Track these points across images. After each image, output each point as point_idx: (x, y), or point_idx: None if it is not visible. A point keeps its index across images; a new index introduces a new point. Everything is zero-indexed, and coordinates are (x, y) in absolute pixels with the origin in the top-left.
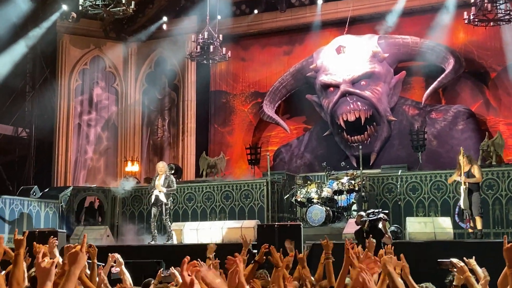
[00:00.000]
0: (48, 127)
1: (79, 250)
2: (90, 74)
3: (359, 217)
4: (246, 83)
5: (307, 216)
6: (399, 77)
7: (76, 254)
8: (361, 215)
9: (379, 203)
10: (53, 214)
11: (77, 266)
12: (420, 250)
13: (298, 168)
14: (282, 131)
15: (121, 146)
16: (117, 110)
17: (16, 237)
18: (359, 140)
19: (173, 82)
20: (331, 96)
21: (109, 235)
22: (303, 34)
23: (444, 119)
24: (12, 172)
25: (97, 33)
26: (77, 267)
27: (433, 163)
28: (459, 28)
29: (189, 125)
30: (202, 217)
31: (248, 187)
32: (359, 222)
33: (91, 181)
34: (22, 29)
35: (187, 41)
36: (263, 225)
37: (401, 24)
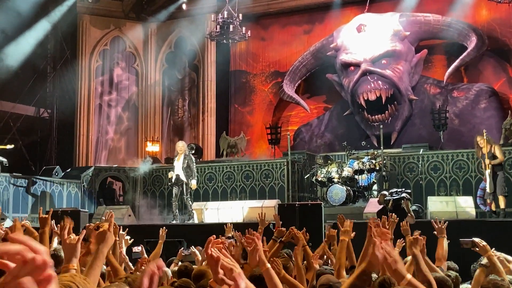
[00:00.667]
0: (70, 108)
1: (107, 230)
2: (110, 55)
3: (382, 197)
4: (266, 63)
5: (327, 195)
6: (421, 55)
7: (104, 233)
8: (384, 194)
9: (400, 182)
10: (75, 194)
11: (106, 245)
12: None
13: (318, 148)
14: (302, 111)
15: (141, 126)
16: (138, 90)
17: (40, 216)
18: (380, 119)
19: (193, 62)
20: (351, 75)
21: (130, 214)
22: (323, 13)
23: (466, 97)
24: (35, 152)
25: (117, 13)
26: (105, 246)
27: (454, 142)
28: (482, 5)
29: (209, 105)
30: (223, 197)
31: (269, 167)
32: (382, 201)
33: (113, 161)
34: (43, 10)
35: (206, 21)
36: (283, 205)
37: (422, 1)
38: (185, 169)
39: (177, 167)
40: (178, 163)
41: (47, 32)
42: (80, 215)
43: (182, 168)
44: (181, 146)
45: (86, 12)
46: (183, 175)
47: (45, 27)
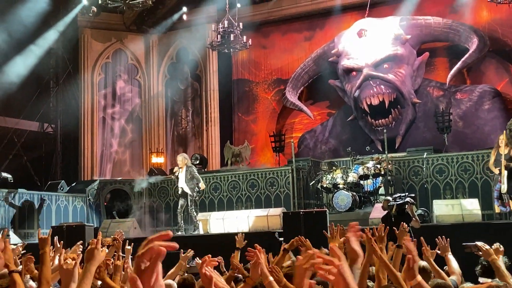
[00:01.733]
0: (73, 122)
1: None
2: (112, 68)
3: (385, 202)
4: (268, 71)
5: (333, 201)
6: (423, 58)
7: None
8: (388, 200)
9: (405, 186)
10: (81, 207)
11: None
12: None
13: (323, 154)
14: (306, 117)
15: (145, 138)
16: (141, 102)
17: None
18: (383, 123)
19: (195, 72)
20: (354, 80)
21: (136, 227)
22: (324, 19)
23: (470, 99)
24: (40, 167)
25: (118, 26)
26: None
27: (459, 144)
28: (482, 6)
29: (212, 115)
30: (228, 206)
31: (274, 175)
32: (386, 207)
33: (118, 174)
34: (44, 25)
35: (207, 31)
36: (288, 213)
37: (422, 4)
38: (188, 181)
39: (181, 179)
40: (181, 175)
41: (49, 47)
42: (85, 229)
43: (185, 181)
44: (181, 160)
45: (87, 25)
46: (187, 187)
47: (47, 42)
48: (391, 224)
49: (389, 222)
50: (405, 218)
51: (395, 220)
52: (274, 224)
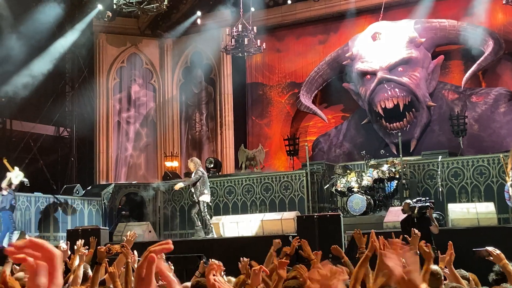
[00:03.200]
0: (89, 126)
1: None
2: (127, 72)
3: (406, 205)
4: (282, 74)
5: (348, 205)
6: (437, 61)
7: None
8: (408, 202)
9: (420, 190)
10: (96, 211)
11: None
12: (463, 237)
13: (337, 158)
14: (320, 121)
15: (160, 141)
16: (155, 106)
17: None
18: (398, 127)
19: (209, 76)
20: (368, 83)
21: (151, 230)
22: (338, 22)
23: (485, 102)
24: (55, 171)
25: (133, 30)
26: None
27: (475, 147)
28: (497, 9)
29: (226, 118)
30: (243, 209)
31: (288, 179)
32: (407, 210)
33: (132, 177)
34: (60, 30)
35: (221, 35)
36: (302, 217)
37: (437, 7)
38: (195, 187)
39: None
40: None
41: (65, 51)
42: (100, 232)
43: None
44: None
45: (102, 30)
46: (195, 193)
47: (62, 47)
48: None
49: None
50: (426, 222)
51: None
52: (288, 228)
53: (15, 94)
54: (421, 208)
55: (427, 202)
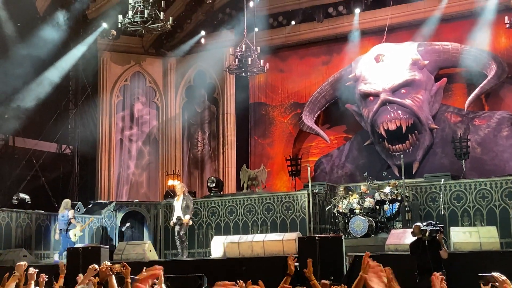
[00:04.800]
0: (91, 144)
1: None
2: (131, 90)
3: (417, 228)
4: (285, 94)
5: (349, 227)
6: (440, 84)
7: None
8: (419, 225)
9: (422, 212)
10: (97, 229)
11: None
12: (466, 261)
13: (339, 179)
14: (322, 142)
15: (162, 160)
16: (158, 124)
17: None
18: (400, 149)
19: (213, 95)
20: (371, 105)
21: (151, 250)
22: (341, 44)
23: (488, 125)
24: (57, 188)
25: (137, 49)
26: None
27: (477, 171)
28: (501, 33)
29: (229, 138)
30: (244, 230)
31: (289, 199)
32: (418, 232)
33: (134, 195)
34: (64, 47)
35: (225, 54)
36: (304, 238)
37: (440, 30)
38: (183, 209)
39: (177, 207)
40: (178, 203)
41: (69, 69)
42: (101, 251)
43: (181, 208)
44: (180, 187)
45: (106, 48)
46: (182, 215)
47: (66, 64)
48: (422, 251)
49: (420, 248)
50: (435, 246)
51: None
52: (290, 249)
53: (19, 111)
54: (432, 232)
55: (437, 226)
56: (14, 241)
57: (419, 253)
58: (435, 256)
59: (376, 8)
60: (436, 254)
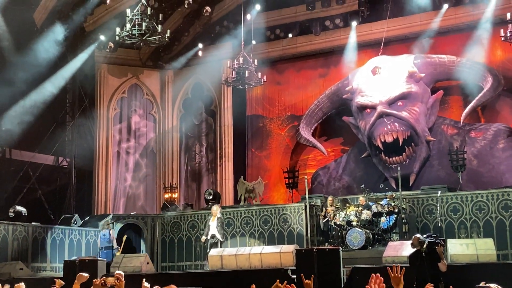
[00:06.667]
0: (88, 156)
1: None
2: (128, 102)
3: (416, 239)
4: (282, 107)
5: (346, 239)
6: (437, 96)
7: None
8: (418, 237)
9: (419, 225)
10: (94, 242)
11: None
12: (463, 272)
13: (336, 191)
14: (320, 154)
15: (159, 172)
16: (155, 137)
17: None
18: (397, 161)
19: (210, 107)
20: (367, 117)
21: (149, 262)
22: (338, 56)
23: (484, 138)
24: (54, 201)
25: (135, 62)
26: None
27: (474, 183)
28: (496, 45)
29: (226, 150)
30: (241, 242)
31: (287, 211)
32: (417, 244)
33: (131, 208)
34: (61, 60)
35: (222, 67)
36: (301, 250)
37: (437, 43)
38: (218, 228)
39: (212, 226)
40: (213, 223)
41: (66, 81)
42: (98, 263)
43: (216, 228)
44: (215, 209)
45: (104, 61)
46: (217, 233)
47: (63, 77)
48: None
49: (418, 260)
50: (434, 258)
51: (426, 258)
52: (287, 261)
53: (15, 123)
54: (431, 244)
55: (438, 239)
56: (11, 254)
57: (417, 265)
58: (434, 268)
59: (372, 21)
60: (435, 266)
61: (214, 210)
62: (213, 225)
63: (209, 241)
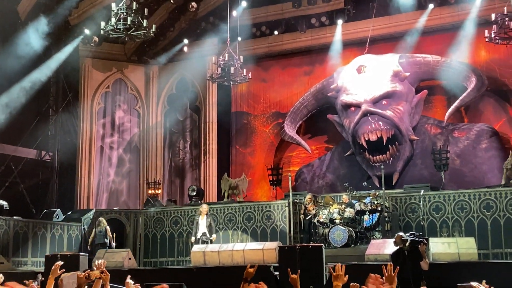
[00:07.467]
0: (71, 150)
1: None
2: (112, 97)
3: (398, 237)
4: (267, 104)
5: (329, 237)
6: (421, 96)
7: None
8: (401, 235)
9: (402, 223)
10: (76, 237)
11: None
12: (445, 271)
13: (320, 189)
14: (304, 152)
15: (143, 168)
16: (139, 132)
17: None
18: (381, 160)
19: (195, 103)
20: (352, 116)
21: (131, 258)
22: (324, 54)
23: (467, 137)
24: (36, 195)
25: (119, 56)
26: None
27: (456, 182)
28: (481, 46)
29: (210, 147)
30: (224, 238)
31: (270, 208)
32: (399, 242)
33: (114, 203)
34: (45, 53)
35: (208, 63)
36: (284, 247)
37: (422, 42)
38: (208, 227)
39: (202, 225)
40: (202, 221)
41: (50, 75)
42: (79, 258)
43: (206, 227)
44: (205, 207)
45: (88, 55)
46: (208, 232)
47: (47, 70)
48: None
49: (400, 258)
50: (416, 256)
51: (408, 256)
52: (270, 258)
53: None
54: (414, 242)
55: (421, 238)
56: None
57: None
58: (416, 266)
59: (358, 20)
60: (417, 264)
61: (204, 208)
62: (203, 223)
63: (200, 240)
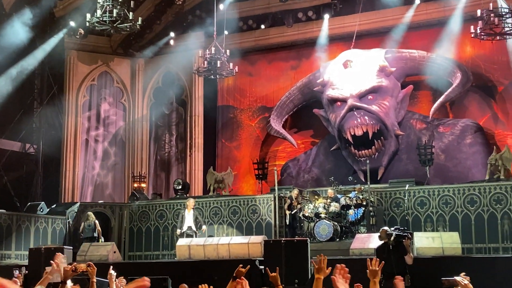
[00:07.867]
0: (56, 143)
1: None
2: (97, 90)
3: (383, 232)
4: (253, 98)
5: (315, 231)
6: (407, 91)
7: None
8: (386, 229)
9: (387, 218)
10: (60, 230)
11: None
12: (429, 265)
13: (305, 183)
14: (290, 146)
15: (128, 161)
16: (125, 125)
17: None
18: (366, 154)
19: (181, 97)
20: (338, 110)
21: (116, 251)
22: (310, 49)
23: (452, 133)
24: (20, 188)
25: (105, 49)
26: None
27: (441, 177)
28: (466, 42)
29: (196, 140)
30: (210, 232)
31: (256, 202)
32: (384, 237)
33: (99, 197)
34: (30, 45)
35: (194, 57)
36: (269, 241)
37: (408, 38)
38: (195, 220)
39: (188, 219)
40: (189, 215)
41: (35, 67)
42: (64, 252)
43: (193, 220)
44: (192, 201)
45: (73, 47)
46: (194, 225)
47: (32, 62)
48: (388, 255)
49: (385, 253)
50: (401, 250)
51: (392, 250)
52: (255, 252)
53: None
54: (398, 237)
55: (406, 232)
56: None
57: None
58: (400, 260)
59: (345, 15)
60: (401, 258)
61: (190, 202)
62: (189, 217)
63: (184, 234)
